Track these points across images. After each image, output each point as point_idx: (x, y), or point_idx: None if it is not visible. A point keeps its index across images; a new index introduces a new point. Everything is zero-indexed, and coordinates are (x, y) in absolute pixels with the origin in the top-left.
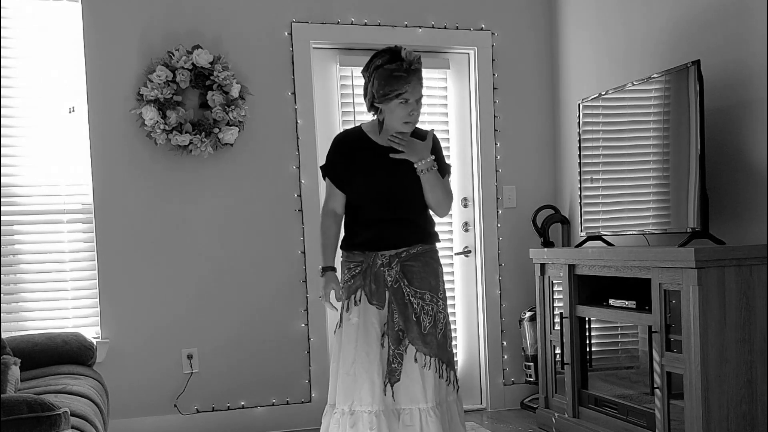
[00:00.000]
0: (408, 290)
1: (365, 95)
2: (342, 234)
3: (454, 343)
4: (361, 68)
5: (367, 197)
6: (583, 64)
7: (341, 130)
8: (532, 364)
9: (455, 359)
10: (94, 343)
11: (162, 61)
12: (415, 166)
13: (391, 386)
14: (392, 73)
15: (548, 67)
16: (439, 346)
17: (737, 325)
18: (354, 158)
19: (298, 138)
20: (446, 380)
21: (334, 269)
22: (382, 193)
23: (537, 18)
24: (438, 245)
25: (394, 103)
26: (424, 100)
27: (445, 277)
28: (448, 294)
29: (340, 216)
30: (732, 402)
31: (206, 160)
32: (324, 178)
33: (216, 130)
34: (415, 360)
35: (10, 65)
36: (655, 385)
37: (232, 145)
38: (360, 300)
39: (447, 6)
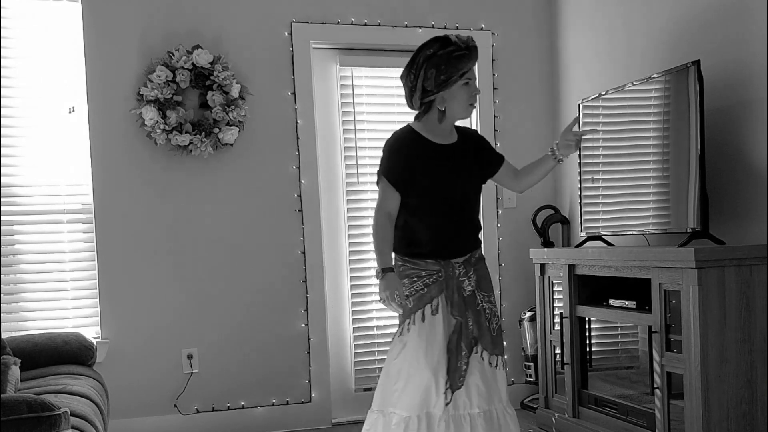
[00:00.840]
0: (480, 296)
1: (412, 93)
2: (398, 239)
3: None
4: (359, 68)
5: (434, 200)
6: (583, 64)
7: (394, 132)
8: (532, 364)
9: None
10: (94, 343)
11: (162, 61)
12: (560, 156)
13: (452, 392)
14: (452, 55)
15: (548, 67)
16: (498, 342)
17: (737, 325)
18: (417, 160)
19: (298, 138)
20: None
21: (393, 270)
22: (450, 196)
23: (537, 18)
24: None
25: (456, 87)
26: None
27: None
28: None
29: (394, 217)
30: (732, 402)
31: (206, 160)
32: (377, 183)
33: (216, 130)
34: (489, 364)
35: (10, 65)
36: (655, 385)
37: (232, 145)
38: (437, 310)
39: (447, 6)
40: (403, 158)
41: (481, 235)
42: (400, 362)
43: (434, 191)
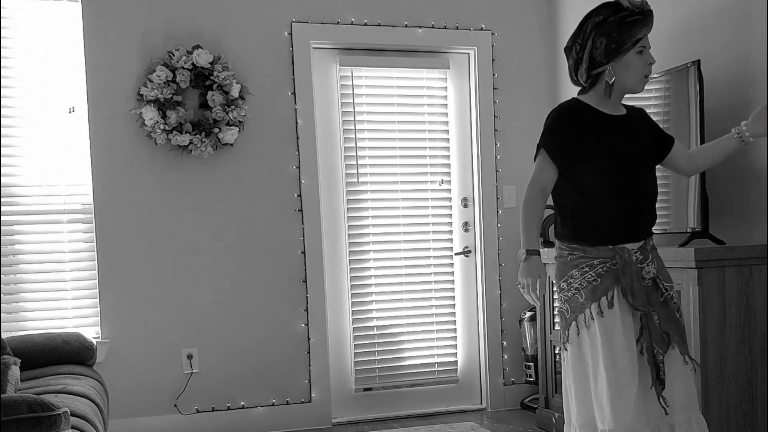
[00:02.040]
0: (663, 285)
1: (578, 66)
2: (563, 224)
3: (453, 343)
4: (359, 68)
5: (609, 177)
6: None
7: (559, 104)
8: (532, 364)
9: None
10: (94, 343)
11: (162, 61)
12: (747, 138)
13: (663, 398)
14: (625, 20)
15: (548, 67)
16: (685, 337)
17: (737, 325)
18: (589, 133)
19: (298, 138)
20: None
21: (539, 253)
22: (628, 172)
23: (537, 18)
24: (445, 244)
25: (630, 55)
26: (423, 100)
27: (445, 278)
28: (448, 294)
29: (547, 195)
30: (732, 402)
31: (206, 160)
32: (535, 158)
33: (216, 130)
34: (685, 362)
35: (10, 65)
36: None
37: (232, 145)
38: (613, 303)
39: (447, 6)
40: (569, 129)
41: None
42: (583, 371)
43: (609, 166)
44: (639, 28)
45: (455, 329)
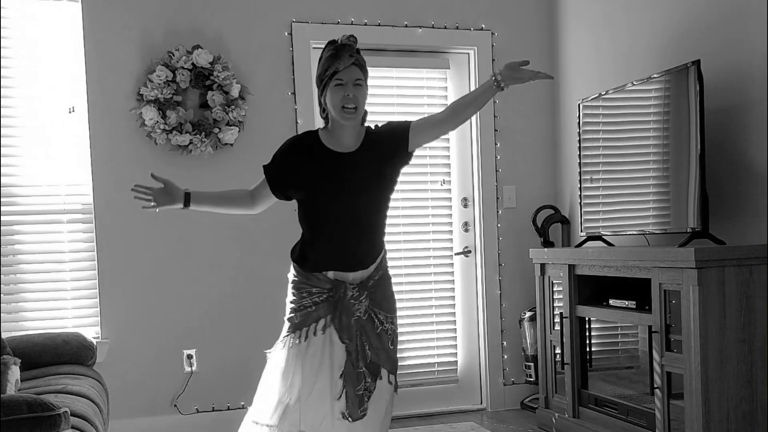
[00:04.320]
0: (378, 318)
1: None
2: (296, 247)
3: (453, 343)
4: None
5: (320, 209)
6: (583, 64)
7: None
8: (532, 364)
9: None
10: (94, 343)
11: (162, 61)
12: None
13: (353, 421)
14: (325, 56)
15: (548, 67)
16: (395, 360)
17: (737, 325)
18: (309, 163)
19: None
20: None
21: (188, 198)
22: (338, 207)
23: (537, 18)
24: (445, 244)
25: (330, 89)
26: (423, 100)
27: (445, 277)
28: (448, 294)
29: (250, 200)
30: (732, 402)
31: (206, 160)
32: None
33: (216, 130)
34: (389, 382)
35: (10, 65)
36: (655, 385)
37: (232, 145)
38: (323, 330)
39: (447, 6)
40: (295, 160)
41: (381, 254)
42: (279, 376)
43: (318, 199)
44: (332, 62)
45: (455, 329)
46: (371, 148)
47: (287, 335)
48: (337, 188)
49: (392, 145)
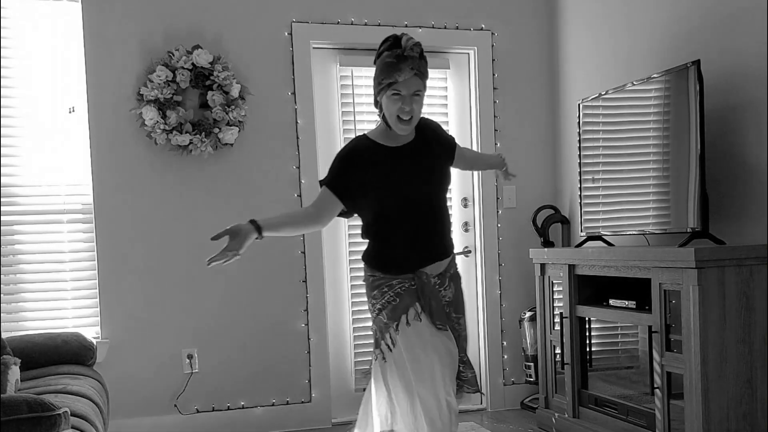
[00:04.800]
0: (453, 316)
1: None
2: (368, 251)
3: None
4: (359, 68)
5: (388, 210)
6: (583, 64)
7: (347, 142)
8: (532, 364)
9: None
10: (94, 343)
11: (162, 61)
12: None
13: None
14: (385, 60)
15: (548, 67)
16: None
17: (737, 325)
18: (374, 165)
19: (298, 138)
20: None
21: (260, 227)
22: (405, 205)
23: (537, 18)
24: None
25: (386, 96)
26: (432, 101)
27: None
28: None
29: (315, 217)
30: (732, 402)
31: (206, 160)
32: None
33: (216, 130)
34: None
35: (10, 65)
36: (655, 385)
37: (232, 145)
38: (417, 319)
39: (447, 6)
40: (356, 170)
41: (453, 249)
42: (396, 381)
43: (385, 199)
44: (391, 71)
45: None
46: (426, 142)
47: (379, 344)
48: (407, 175)
49: (441, 152)
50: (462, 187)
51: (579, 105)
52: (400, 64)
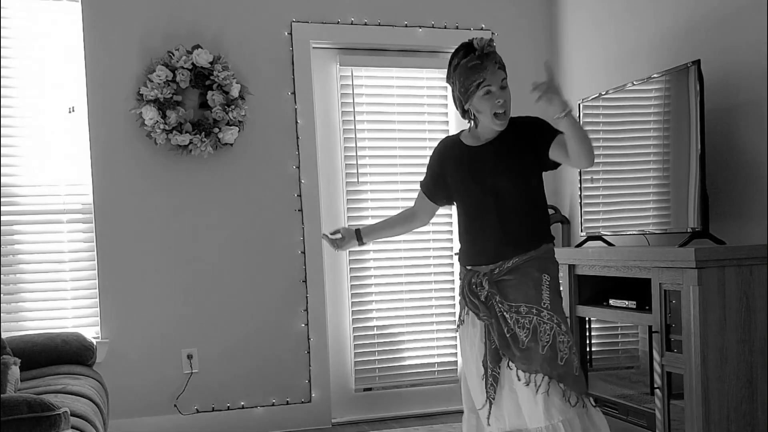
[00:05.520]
0: (502, 305)
1: (456, 105)
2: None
3: (453, 343)
4: (359, 68)
5: (461, 206)
6: (583, 64)
7: (445, 137)
8: None
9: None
10: (94, 343)
11: (162, 60)
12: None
13: (489, 405)
14: (467, 66)
15: None
16: (545, 360)
17: (737, 325)
18: (452, 164)
19: (298, 138)
20: (562, 397)
21: (360, 235)
22: (473, 202)
23: (537, 18)
24: (445, 244)
25: (477, 97)
26: (423, 100)
27: (445, 277)
28: (448, 294)
29: (412, 216)
30: (732, 402)
31: (206, 160)
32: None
33: (216, 130)
34: (523, 381)
35: (10, 65)
36: (655, 385)
37: (232, 145)
38: (468, 314)
39: (447, 6)
40: (435, 165)
41: (544, 235)
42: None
43: (461, 197)
44: (477, 72)
45: (455, 329)
46: (508, 137)
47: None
48: (477, 172)
49: (533, 137)
50: None
51: (579, 105)
52: (484, 62)
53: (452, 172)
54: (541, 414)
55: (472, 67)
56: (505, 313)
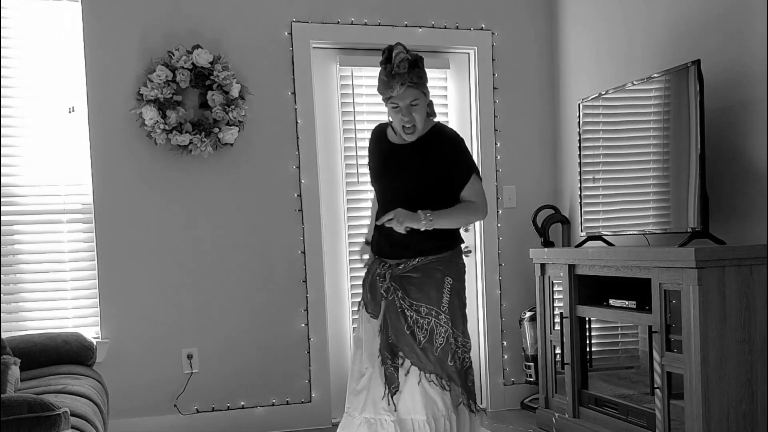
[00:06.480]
0: (402, 303)
1: None
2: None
3: None
4: (359, 68)
5: (378, 197)
6: (583, 64)
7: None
8: (532, 364)
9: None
10: (94, 343)
11: (162, 60)
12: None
13: (391, 396)
14: (381, 76)
15: (548, 67)
16: (437, 360)
17: (737, 325)
18: (372, 156)
19: (298, 138)
20: (452, 396)
21: (368, 243)
22: (388, 198)
23: (537, 18)
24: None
25: (389, 108)
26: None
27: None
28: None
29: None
30: (732, 402)
31: (206, 160)
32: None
33: (216, 130)
34: (408, 372)
35: (10, 65)
36: (655, 385)
37: (232, 145)
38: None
39: (447, 6)
40: (370, 152)
41: (430, 249)
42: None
43: (379, 190)
44: (387, 88)
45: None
46: (431, 149)
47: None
48: (383, 172)
49: (452, 169)
50: None
51: (579, 105)
52: (391, 81)
53: (374, 165)
54: (421, 408)
55: (382, 81)
56: (405, 311)
